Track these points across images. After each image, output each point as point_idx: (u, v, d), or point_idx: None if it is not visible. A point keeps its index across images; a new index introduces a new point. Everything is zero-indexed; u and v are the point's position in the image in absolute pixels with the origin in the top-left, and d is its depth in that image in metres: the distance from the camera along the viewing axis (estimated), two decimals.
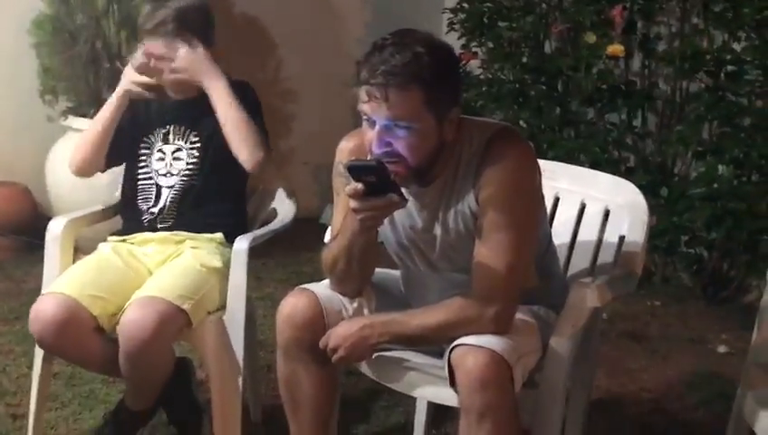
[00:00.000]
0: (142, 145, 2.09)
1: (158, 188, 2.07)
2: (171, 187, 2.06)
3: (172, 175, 2.06)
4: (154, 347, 1.81)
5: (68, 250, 2.07)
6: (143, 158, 2.09)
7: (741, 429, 1.77)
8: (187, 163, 2.05)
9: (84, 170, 2.13)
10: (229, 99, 1.99)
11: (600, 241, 1.86)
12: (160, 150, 2.07)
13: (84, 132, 2.13)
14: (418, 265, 1.71)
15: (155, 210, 2.06)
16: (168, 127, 2.07)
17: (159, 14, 2.00)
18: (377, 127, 1.52)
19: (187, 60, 2.00)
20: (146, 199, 2.08)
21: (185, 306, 1.85)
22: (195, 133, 2.05)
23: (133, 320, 1.80)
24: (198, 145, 2.04)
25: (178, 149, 2.05)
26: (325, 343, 1.62)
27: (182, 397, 2.04)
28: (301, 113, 4.11)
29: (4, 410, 2.23)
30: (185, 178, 2.05)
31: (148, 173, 2.08)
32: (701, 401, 2.49)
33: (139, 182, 2.09)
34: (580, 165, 3.12)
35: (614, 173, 3.05)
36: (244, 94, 2.03)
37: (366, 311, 1.72)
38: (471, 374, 1.48)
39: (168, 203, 2.05)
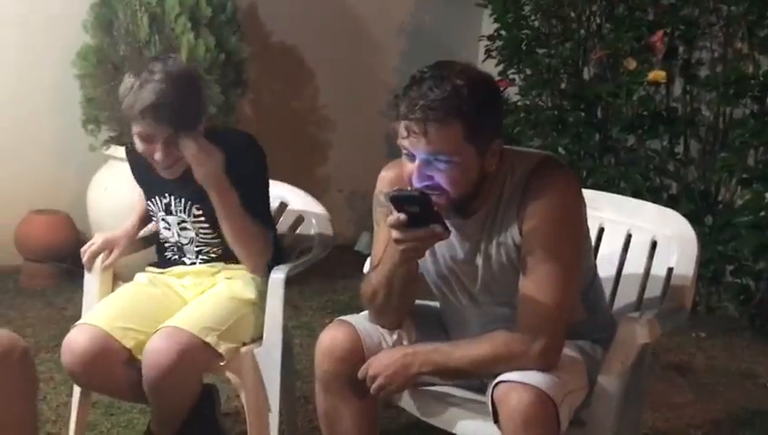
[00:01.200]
0: (148, 210, 2.06)
1: (179, 246, 2.03)
2: (191, 240, 2.01)
3: (185, 243, 2.01)
4: (174, 378, 1.80)
5: (107, 278, 2.08)
6: (154, 217, 2.07)
7: None
8: (198, 234, 1.99)
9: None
10: (235, 211, 1.87)
11: (647, 273, 1.81)
12: (165, 220, 2.02)
13: None
14: (459, 298, 1.68)
15: (189, 263, 2.03)
16: (167, 197, 1.98)
17: (145, 98, 1.80)
18: (417, 161, 1.50)
19: (201, 161, 1.84)
20: (172, 252, 2.06)
21: (208, 339, 1.83)
22: (197, 207, 1.95)
23: (154, 350, 1.80)
24: (203, 220, 1.97)
25: (183, 222, 1.99)
26: (365, 371, 1.60)
27: (204, 425, 2.01)
28: (336, 141, 4.12)
29: None
30: (207, 246, 2.00)
31: (163, 235, 2.06)
32: None
33: (160, 236, 2.08)
34: (621, 192, 3.08)
35: (656, 201, 3.02)
36: (250, 153, 1.93)
37: (405, 343, 1.69)
38: (515, 412, 1.44)
39: (196, 252, 2.02)
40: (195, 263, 2.03)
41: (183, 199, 1.97)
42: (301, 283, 2.99)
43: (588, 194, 1.69)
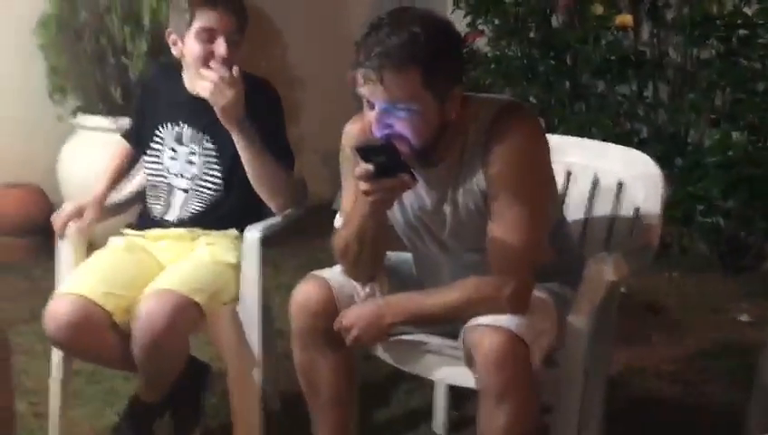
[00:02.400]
0: (154, 138, 2.04)
1: (171, 188, 2.03)
2: (185, 190, 2.02)
3: (184, 178, 2.02)
4: (168, 338, 1.81)
5: (81, 246, 2.07)
6: (155, 152, 2.04)
7: (764, 398, 1.75)
8: (203, 171, 1.99)
9: None
10: (258, 151, 1.90)
11: (614, 215, 1.84)
12: (173, 149, 2.01)
13: None
14: (429, 247, 1.70)
15: (170, 218, 2.03)
16: (181, 126, 1.99)
17: None
18: (376, 109, 1.50)
19: (230, 99, 1.85)
20: (157, 198, 2.05)
21: (198, 299, 1.85)
22: (210, 140, 1.97)
23: (147, 312, 1.80)
24: (215, 156, 1.98)
25: (192, 153, 1.99)
26: (339, 324, 1.61)
27: (189, 399, 2.03)
28: (308, 101, 4.09)
29: (26, 409, 2.25)
30: (202, 190, 2.00)
31: (160, 171, 2.04)
32: (723, 371, 2.47)
33: (150, 177, 2.06)
34: (593, 138, 3.09)
35: (627, 145, 3.04)
36: (266, 98, 1.98)
37: (379, 295, 1.71)
38: (488, 355, 1.47)
39: (185, 210, 2.02)
40: (179, 218, 2.01)
41: (197, 130, 1.97)
42: (280, 243, 2.98)
43: (554, 139, 1.70)
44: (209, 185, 2.01)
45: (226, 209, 2.02)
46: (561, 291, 1.69)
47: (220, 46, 1.88)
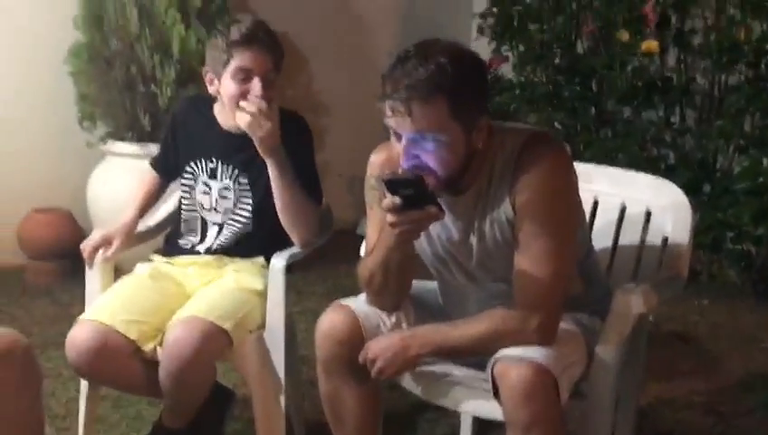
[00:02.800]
0: (185, 173, 2.07)
1: (204, 222, 2.06)
2: (218, 224, 2.05)
3: (218, 212, 2.04)
4: (196, 366, 1.82)
5: (108, 273, 2.09)
6: (186, 187, 2.08)
7: None
8: (237, 206, 2.02)
9: None
10: (289, 182, 1.93)
11: (642, 244, 1.82)
12: (206, 184, 2.04)
13: None
14: (456, 277, 1.69)
15: (201, 249, 2.05)
16: (215, 161, 2.02)
17: (254, 27, 1.93)
18: (403, 140, 1.50)
19: (268, 130, 1.90)
20: (191, 231, 2.08)
21: (226, 326, 1.85)
22: (245, 175, 2.00)
23: (175, 339, 1.81)
24: (249, 190, 2.01)
25: (226, 188, 2.02)
26: (365, 355, 1.61)
27: (212, 425, 2.02)
28: (333, 126, 4.12)
29: (53, 433, 2.26)
30: (234, 223, 2.03)
31: (192, 205, 2.07)
32: (757, 404, 2.41)
33: (183, 211, 2.09)
34: (618, 165, 3.07)
35: (654, 171, 3.01)
36: (298, 130, 2.01)
37: (404, 325, 1.70)
38: (515, 388, 1.45)
39: (215, 242, 2.04)
40: (210, 248, 2.04)
41: (231, 166, 2.01)
42: (304, 268, 3.00)
43: (581, 168, 1.69)
44: (241, 218, 2.04)
45: (256, 241, 2.04)
46: (590, 322, 1.67)
47: (256, 86, 1.91)
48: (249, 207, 2.02)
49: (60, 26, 3.35)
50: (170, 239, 2.15)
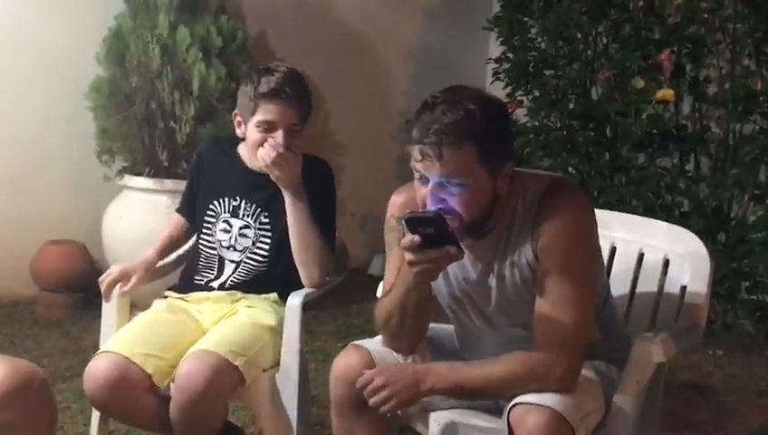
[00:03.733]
0: (208, 211, 2.09)
1: (221, 260, 2.08)
2: (235, 262, 2.06)
3: (236, 250, 2.06)
4: (206, 400, 1.81)
5: (124, 307, 2.10)
6: (207, 225, 2.09)
7: None
8: (255, 244, 2.04)
9: None
10: (305, 218, 1.97)
11: (660, 292, 1.81)
12: (226, 222, 2.07)
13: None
14: (473, 320, 1.69)
15: (215, 285, 2.07)
16: (237, 200, 2.05)
17: (281, 81, 1.96)
18: (430, 184, 1.51)
19: (290, 167, 1.96)
20: (208, 268, 2.09)
21: (237, 363, 1.85)
22: (266, 215, 2.04)
23: (188, 372, 1.81)
24: (268, 228, 2.04)
25: (246, 226, 2.05)
26: (367, 380, 1.55)
27: None
28: (348, 165, 4.14)
29: None
30: (253, 261, 2.05)
31: (212, 243, 2.09)
32: None
33: (201, 249, 2.10)
34: (633, 211, 3.08)
35: (668, 218, 3.02)
36: (321, 174, 2.04)
37: None
38: (532, 434, 1.43)
39: (230, 279, 2.06)
40: (224, 284, 2.05)
41: (254, 205, 2.04)
42: (315, 307, 3.00)
43: (599, 214, 1.69)
44: (259, 257, 2.05)
45: (271, 279, 2.05)
46: (607, 370, 1.65)
47: (278, 137, 1.96)
48: (267, 246, 2.04)
49: (82, 61, 3.41)
50: (185, 276, 2.16)
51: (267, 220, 2.04)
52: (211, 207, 2.09)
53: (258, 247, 2.05)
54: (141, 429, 2.23)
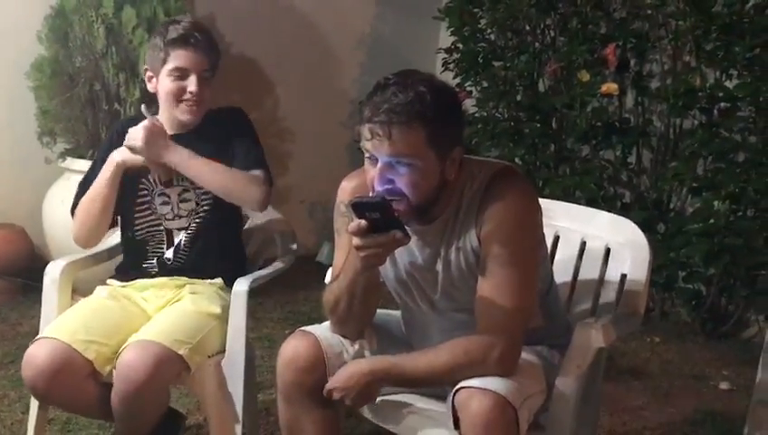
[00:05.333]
0: (140, 192, 2.06)
1: (169, 232, 2.05)
2: (185, 228, 2.04)
3: (181, 217, 2.04)
4: (148, 390, 1.79)
5: (66, 293, 2.05)
6: (143, 205, 2.06)
7: None
8: (200, 205, 2.03)
9: (93, 243, 2.10)
10: (200, 167, 1.96)
11: (601, 280, 1.86)
12: (163, 194, 2.04)
13: (84, 208, 2.05)
14: (419, 304, 1.70)
15: (170, 255, 2.04)
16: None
17: (189, 27, 2.00)
18: (379, 164, 1.53)
19: (142, 139, 1.94)
20: (157, 245, 2.06)
21: (181, 351, 1.83)
22: None
23: (129, 362, 1.79)
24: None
25: (185, 190, 2.03)
26: (329, 389, 1.61)
27: None
28: (297, 152, 4.13)
29: None
30: (201, 219, 2.03)
31: (155, 220, 2.05)
32: None
33: (146, 229, 2.06)
34: (576, 201, 3.14)
35: (610, 209, 3.09)
36: (239, 121, 2.06)
37: (367, 353, 1.70)
38: (476, 418, 1.46)
39: (182, 244, 2.04)
40: (178, 248, 2.03)
41: None
42: (262, 294, 2.98)
43: (544, 203, 1.72)
44: (206, 215, 2.03)
45: (214, 254, 2.03)
46: (549, 355, 1.69)
47: (192, 84, 1.98)
48: (211, 200, 2.02)
49: (24, 40, 3.31)
50: (124, 265, 2.12)
51: None
52: (141, 186, 2.05)
53: (203, 208, 2.03)
54: (82, 415, 2.20)
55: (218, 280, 2.03)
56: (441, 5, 3.84)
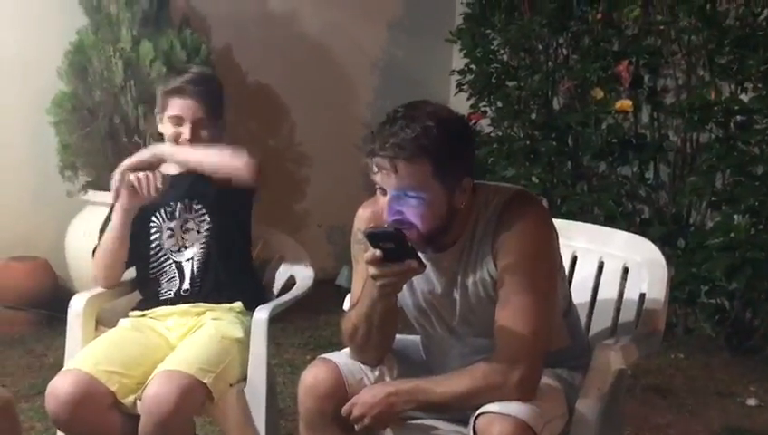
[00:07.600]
0: (151, 227, 2.12)
1: (178, 264, 2.10)
2: (191, 259, 2.09)
3: (187, 248, 2.09)
4: (175, 421, 1.81)
5: (90, 326, 2.09)
6: (154, 239, 2.12)
7: None
8: (198, 232, 2.09)
9: (112, 283, 2.16)
10: (192, 155, 2.06)
11: (620, 299, 1.85)
12: (169, 229, 2.11)
13: (100, 252, 2.12)
14: (438, 331, 1.71)
15: (186, 286, 2.08)
16: (171, 204, 2.11)
17: (188, 75, 2.11)
18: (387, 196, 1.55)
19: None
20: (170, 280, 2.10)
21: (206, 380, 1.85)
22: (196, 201, 2.11)
23: (155, 394, 1.81)
24: (203, 211, 2.10)
25: (186, 221, 2.10)
26: (349, 410, 1.61)
27: None
28: (314, 176, 4.16)
29: None
30: (204, 246, 2.08)
31: (164, 254, 2.11)
32: None
33: (158, 264, 2.11)
34: (594, 219, 3.14)
35: (629, 225, 3.08)
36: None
37: (387, 379, 1.71)
38: None
39: (195, 273, 2.08)
40: (193, 280, 2.07)
41: (186, 200, 2.11)
42: (282, 319, 2.99)
43: (560, 224, 1.73)
44: (209, 241, 2.08)
45: (228, 278, 2.07)
46: (569, 377, 1.69)
47: (186, 131, 2.08)
48: (210, 225, 2.08)
49: (44, 76, 3.38)
50: (144, 295, 2.16)
51: (200, 205, 2.10)
52: (152, 224, 2.12)
53: (205, 233, 2.09)
54: None
55: (237, 304, 2.06)
56: (453, 28, 3.88)
